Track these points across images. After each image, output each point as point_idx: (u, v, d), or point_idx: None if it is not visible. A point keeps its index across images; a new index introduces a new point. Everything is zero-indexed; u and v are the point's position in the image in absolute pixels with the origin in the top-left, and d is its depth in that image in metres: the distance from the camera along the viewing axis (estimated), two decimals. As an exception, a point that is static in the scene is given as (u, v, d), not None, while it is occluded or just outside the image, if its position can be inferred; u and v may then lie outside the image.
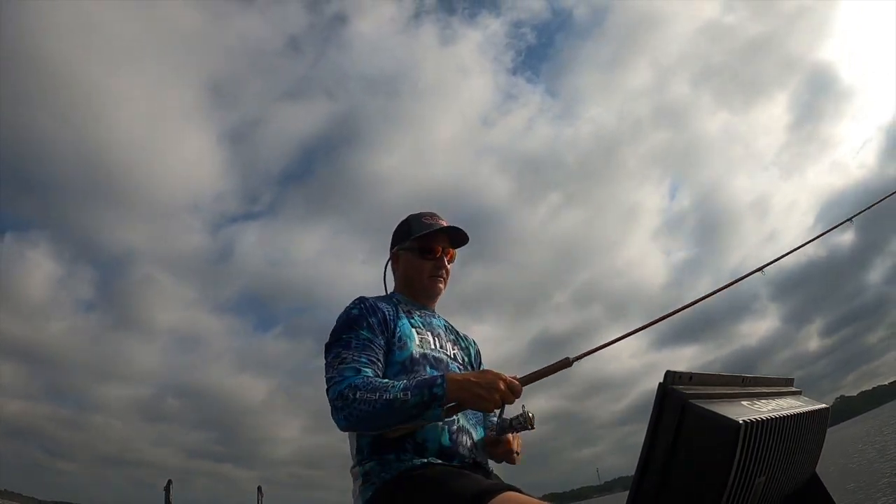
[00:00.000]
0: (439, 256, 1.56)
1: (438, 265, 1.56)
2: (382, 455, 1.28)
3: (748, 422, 0.90)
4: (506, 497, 1.04)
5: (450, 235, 1.58)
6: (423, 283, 1.56)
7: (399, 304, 1.53)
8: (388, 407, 1.17)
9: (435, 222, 1.57)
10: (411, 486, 1.20)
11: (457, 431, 1.34)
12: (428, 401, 1.17)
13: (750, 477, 0.94)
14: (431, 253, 1.55)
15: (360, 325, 1.37)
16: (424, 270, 1.56)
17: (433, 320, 1.57)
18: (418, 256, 1.56)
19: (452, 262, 1.62)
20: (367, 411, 1.18)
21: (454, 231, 1.57)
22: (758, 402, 1.05)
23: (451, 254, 1.60)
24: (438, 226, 1.55)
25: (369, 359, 1.31)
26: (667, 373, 0.98)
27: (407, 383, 1.21)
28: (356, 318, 1.39)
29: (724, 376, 1.09)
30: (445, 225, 1.57)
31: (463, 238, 1.59)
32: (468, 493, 1.07)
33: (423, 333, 1.46)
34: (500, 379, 1.21)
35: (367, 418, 1.19)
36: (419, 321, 1.50)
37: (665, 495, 0.94)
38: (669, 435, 0.95)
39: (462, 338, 1.65)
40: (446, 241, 1.58)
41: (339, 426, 1.23)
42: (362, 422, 1.20)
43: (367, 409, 1.18)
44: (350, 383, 1.22)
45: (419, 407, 1.17)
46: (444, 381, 1.19)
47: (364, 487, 1.28)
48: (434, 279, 1.56)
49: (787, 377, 1.30)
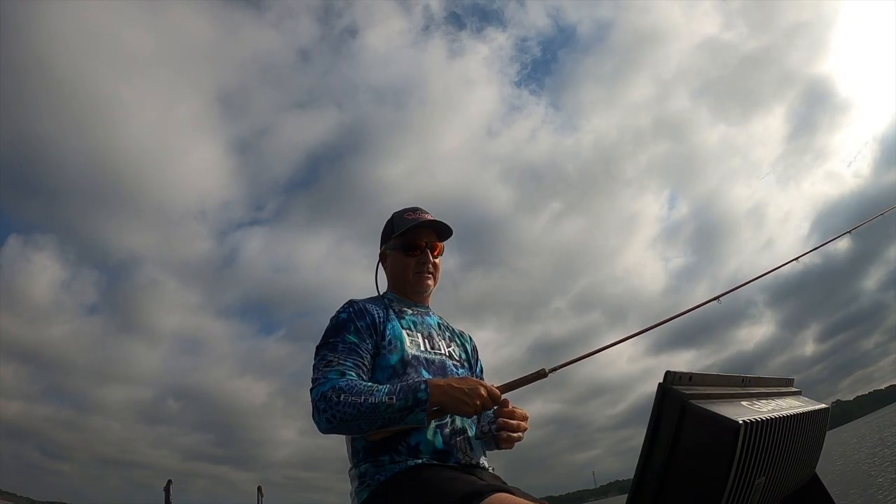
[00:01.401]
0: (423, 251, 1.53)
1: (423, 260, 1.53)
2: (377, 457, 1.28)
3: (748, 422, 0.90)
4: (497, 498, 1.03)
5: (435, 228, 1.55)
6: (410, 279, 1.54)
7: (391, 303, 1.52)
8: (373, 410, 1.19)
9: (417, 217, 1.54)
10: (404, 488, 1.20)
11: (451, 433, 1.33)
12: (412, 405, 1.19)
13: (750, 477, 0.93)
14: (415, 249, 1.53)
15: (348, 328, 1.38)
16: (409, 267, 1.53)
17: (426, 318, 1.55)
18: (403, 254, 1.54)
19: (440, 256, 1.58)
20: (352, 414, 1.19)
21: (437, 225, 1.54)
22: (758, 403, 1.04)
23: (439, 247, 1.57)
24: (420, 220, 1.52)
25: (355, 363, 1.31)
26: (667, 373, 0.98)
27: (391, 388, 1.22)
28: (344, 322, 1.39)
29: (724, 376, 1.09)
30: (428, 219, 1.53)
31: (447, 230, 1.55)
32: (459, 494, 1.06)
33: (414, 335, 1.45)
34: (482, 386, 1.24)
35: (350, 421, 1.20)
36: (411, 322, 1.49)
37: (665, 496, 0.94)
38: (669, 435, 0.94)
39: (458, 334, 1.63)
40: (432, 235, 1.55)
41: (319, 428, 1.24)
42: (345, 424, 1.21)
43: (351, 411, 1.19)
44: (334, 385, 1.23)
45: (403, 411, 1.19)
46: (428, 387, 1.21)
47: (360, 490, 1.28)
48: (420, 275, 1.54)
49: (786, 377, 1.30)
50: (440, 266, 1.59)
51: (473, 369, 1.60)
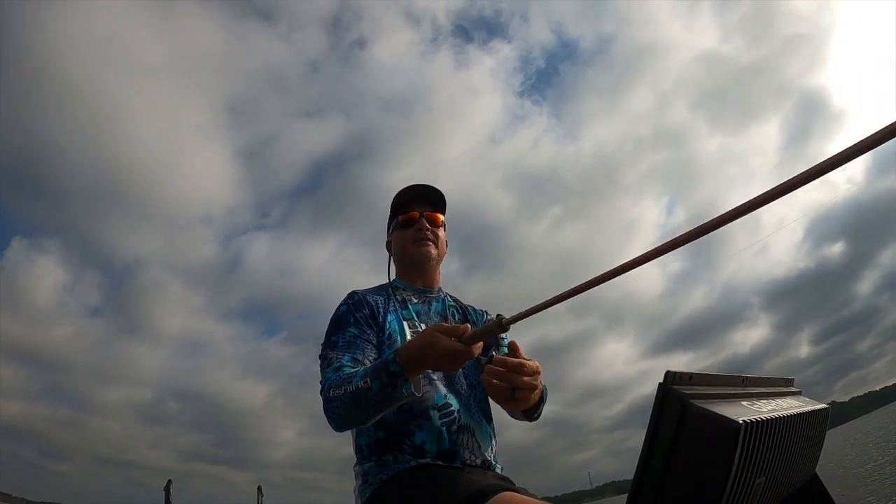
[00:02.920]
0: (418, 220, 1.49)
1: (419, 227, 1.49)
2: (381, 456, 1.27)
3: (748, 422, 0.89)
4: (502, 498, 1.01)
5: (428, 200, 1.52)
6: (410, 252, 1.50)
7: (397, 290, 1.48)
8: (355, 398, 1.12)
9: (409, 189, 1.53)
10: (406, 487, 1.18)
11: (457, 431, 1.30)
12: (388, 383, 1.10)
13: (750, 477, 0.93)
14: (409, 220, 1.50)
15: (348, 321, 1.35)
16: (407, 239, 1.50)
17: (433, 304, 1.51)
18: (400, 230, 1.52)
19: (440, 227, 1.54)
20: (343, 408, 1.14)
21: (426, 191, 1.51)
22: (758, 403, 1.04)
23: (438, 219, 1.53)
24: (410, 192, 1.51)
25: (353, 356, 1.28)
26: (667, 373, 0.97)
27: (366, 370, 1.15)
28: (343, 315, 1.37)
29: (724, 376, 1.08)
30: (417, 185, 1.51)
31: (441, 201, 1.52)
32: (463, 494, 1.04)
33: (416, 325, 1.41)
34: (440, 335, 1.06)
35: (346, 414, 1.15)
36: (414, 310, 1.45)
37: (665, 496, 0.93)
38: (669, 435, 0.94)
39: (471, 311, 1.58)
40: (426, 206, 1.52)
41: (332, 428, 1.22)
42: (345, 419, 1.17)
43: (342, 405, 1.14)
44: (328, 384, 1.20)
45: (385, 390, 1.10)
46: (397, 356, 1.11)
47: (363, 488, 1.28)
48: (419, 243, 1.49)
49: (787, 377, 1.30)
50: (443, 239, 1.54)
51: (489, 347, 1.54)
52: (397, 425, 1.28)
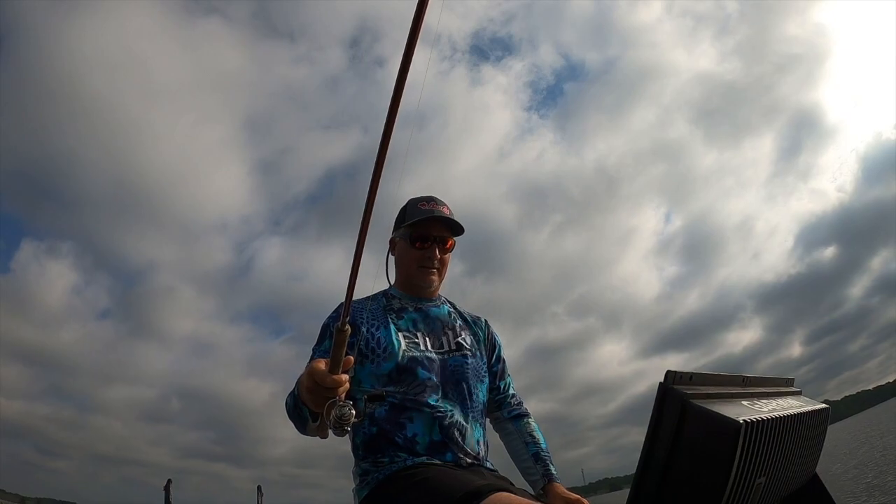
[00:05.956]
0: (430, 245, 1.46)
1: (429, 255, 1.46)
2: (376, 456, 1.28)
3: (748, 421, 0.89)
4: (497, 498, 1.00)
5: (448, 223, 1.47)
6: (413, 273, 1.48)
7: (392, 300, 1.47)
8: (289, 413, 1.20)
9: (432, 208, 1.46)
10: (402, 488, 1.18)
11: (449, 426, 1.31)
12: (294, 403, 1.15)
13: (750, 477, 0.93)
14: (423, 241, 1.46)
15: (324, 335, 1.39)
16: (414, 260, 1.47)
17: (431, 312, 1.49)
18: (410, 245, 1.47)
19: (450, 252, 1.51)
20: (288, 414, 1.22)
21: (450, 221, 1.47)
22: (758, 402, 1.04)
23: (450, 243, 1.50)
24: (434, 213, 1.45)
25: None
26: (667, 372, 0.97)
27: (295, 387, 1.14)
28: (324, 328, 1.40)
29: (725, 376, 1.08)
30: (445, 214, 1.46)
31: (459, 228, 1.48)
32: (458, 494, 1.04)
33: (413, 335, 1.40)
34: (309, 388, 0.95)
35: (298, 426, 1.21)
36: (410, 321, 1.43)
37: (665, 495, 0.93)
38: (670, 435, 0.94)
39: (471, 321, 1.56)
40: (444, 230, 1.48)
41: None
42: (300, 429, 1.22)
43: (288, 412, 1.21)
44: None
45: (296, 409, 1.15)
46: (296, 386, 1.10)
47: (360, 488, 1.28)
48: (424, 270, 1.47)
49: (787, 377, 1.30)
50: (448, 262, 1.52)
51: (490, 354, 1.55)
52: (389, 420, 1.29)
